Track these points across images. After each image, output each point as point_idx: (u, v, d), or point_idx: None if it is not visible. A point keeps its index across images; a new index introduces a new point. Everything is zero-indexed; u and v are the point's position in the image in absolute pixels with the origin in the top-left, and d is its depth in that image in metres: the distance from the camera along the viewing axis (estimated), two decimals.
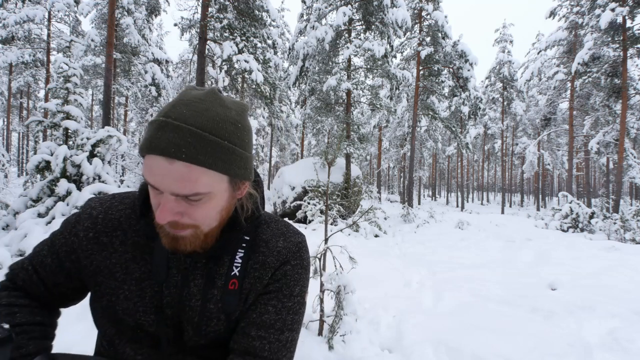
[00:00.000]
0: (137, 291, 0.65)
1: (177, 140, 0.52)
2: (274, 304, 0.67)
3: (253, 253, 0.69)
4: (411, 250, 7.68)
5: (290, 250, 0.71)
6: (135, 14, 16.07)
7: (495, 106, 30.66)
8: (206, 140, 0.54)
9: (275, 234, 0.72)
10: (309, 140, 29.99)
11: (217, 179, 0.57)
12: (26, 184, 6.66)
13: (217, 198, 0.59)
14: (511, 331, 3.07)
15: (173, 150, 0.52)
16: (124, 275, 0.66)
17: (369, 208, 3.50)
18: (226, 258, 0.67)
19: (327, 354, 2.64)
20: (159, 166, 0.53)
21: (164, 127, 0.53)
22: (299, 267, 0.71)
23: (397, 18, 12.01)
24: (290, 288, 0.69)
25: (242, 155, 0.59)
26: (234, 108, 0.60)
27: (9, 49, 18.04)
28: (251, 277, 0.68)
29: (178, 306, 0.65)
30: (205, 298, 0.65)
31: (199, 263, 0.66)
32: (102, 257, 0.67)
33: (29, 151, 32.42)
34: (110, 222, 0.69)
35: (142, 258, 0.66)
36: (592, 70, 15.98)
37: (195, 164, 0.53)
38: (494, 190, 55.93)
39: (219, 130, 0.55)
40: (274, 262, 0.69)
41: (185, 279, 0.65)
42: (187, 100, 0.56)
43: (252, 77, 10.65)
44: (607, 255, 6.34)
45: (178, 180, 0.53)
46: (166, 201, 0.55)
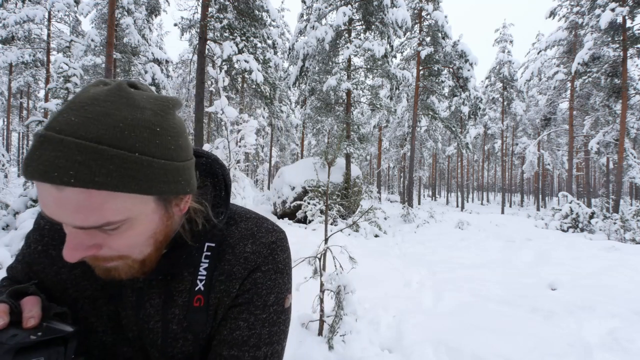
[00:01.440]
0: (91, 310, 0.58)
1: (61, 161, 0.39)
2: (245, 318, 0.59)
3: (219, 262, 0.60)
4: (411, 250, 7.69)
5: (261, 254, 0.61)
6: (135, 14, 16.07)
7: (495, 106, 30.66)
8: (105, 156, 0.41)
9: (244, 236, 0.62)
10: (309, 140, 29.99)
11: (136, 201, 0.45)
12: (26, 184, 6.66)
13: (142, 222, 0.48)
14: (511, 331, 3.07)
15: (57, 175, 0.39)
16: (76, 292, 0.59)
17: (369, 208, 3.50)
18: (186, 272, 0.59)
19: (327, 354, 2.64)
20: (48, 194, 0.41)
21: (43, 144, 0.40)
22: (271, 273, 0.61)
23: (397, 18, 12.02)
24: (263, 298, 0.60)
25: (167, 167, 0.46)
26: (149, 107, 0.46)
27: (9, 49, 18.04)
28: (217, 290, 0.59)
29: (137, 329, 0.58)
30: (166, 319, 0.58)
31: (154, 281, 0.58)
32: (54, 272, 0.60)
33: None
34: (57, 234, 0.61)
35: (93, 274, 0.55)
36: (592, 70, 15.98)
37: (93, 189, 0.41)
38: (494, 190, 55.93)
39: (124, 140, 0.42)
40: (240, 271, 0.60)
41: (140, 299, 0.58)
42: (80, 103, 0.43)
43: (252, 77, 10.65)
44: (607, 255, 6.34)
45: (76, 210, 0.42)
46: (72, 236, 0.45)
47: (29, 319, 0.49)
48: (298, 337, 2.85)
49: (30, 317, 0.49)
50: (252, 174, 32.68)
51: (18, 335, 0.46)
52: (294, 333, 2.90)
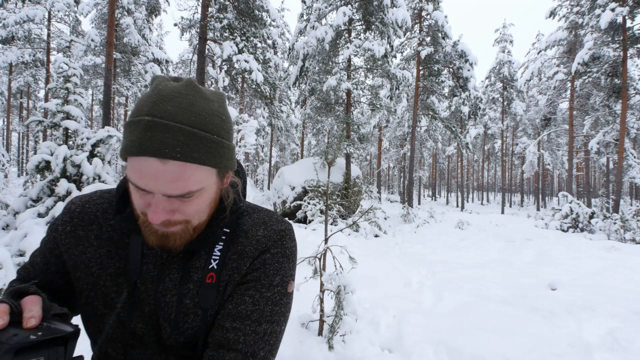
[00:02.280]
0: (113, 287, 0.64)
1: (170, 140, 0.51)
2: (251, 294, 0.64)
3: (232, 244, 0.67)
4: (411, 250, 7.69)
5: (271, 238, 0.68)
6: (135, 14, 16.07)
7: (495, 106, 30.66)
8: (197, 137, 0.53)
9: (257, 224, 0.70)
10: (309, 140, 29.99)
11: (208, 173, 0.57)
12: (26, 184, 6.66)
13: (208, 192, 0.59)
14: (511, 331, 3.07)
15: (167, 151, 0.51)
16: (99, 270, 0.65)
17: (369, 208, 3.50)
18: (203, 251, 0.65)
19: (327, 354, 2.64)
20: (151, 168, 0.52)
21: (153, 127, 0.51)
22: (279, 256, 0.68)
23: (397, 18, 12.01)
24: (269, 277, 0.65)
25: (230, 147, 0.60)
26: (215, 100, 0.59)
27: (9, 49, 18.04)
28: (229, 268, 0.65)
29: (154, 302, 0.63)
30: (181, 293, 0.63)
31: (176, 257, 0.64)
32: (79, 252, 0.66)
33: (29, 151, 32.44)
34: (86, 216, 0.68)
35: (117, 253, 0.65)
36: (592, 70, 15.98)
37: (189, 162, 0.53)
38: (494, 190, 55.93)
39: (207, 125, 0.54)
40: (252, 251, 0.66)
41: (161, 274, 0.63)
42: (168, 95, 0.53)
43: (252, 77, 10.65)
44: (607, 255, 6.34)
45: (171, 180, 0.52)
46: (158, 202, 0.54)
47: (30, 318, 0.50)
48: (298, 337, 2.85)
49: (31, 317, 0.50)
50: (252, 174, 32.67)
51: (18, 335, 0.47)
52: (294, 333, 2.90)
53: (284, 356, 2.59)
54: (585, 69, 15.86)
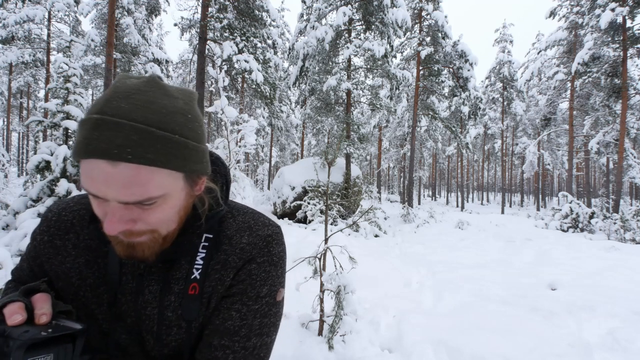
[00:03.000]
0: (92, 298, 0.61)
1: (120, 140, 0.45)
2: (237, 308, 0.60)
3: (216, 252, 0.62)
4: (411, 250, 7.69)
5: (256, 245, 0.64)
6: (135, 14, 16.07)
7: (495, 106, 30.66)
8: (154, 136, 0.47)
9: (241, 228, 0.65)
10: (309, 140, 29.99)
11: (172, 178, 0.51)
12: (26, 184, 6.66)
13: (173, 198, 0.53)
14: (511, 331, 3.07)
15: (116, 152, 0.45)
16: (79, 280, 0.62)
17: (369, 208, 3.50)
18: (184, 260, 0.61)
19: (327, 354, 2.64)
20: (100, 171, 0.46)
21: (101, 126, 0.46)
22: (266, 265, 0.63)
23: (397, 18, 12.01)
24: (256, 289, 0.62)
25: (197, 149, 0.53)
26: (180, 97, 0.53)
27: (9, 49, 18.04)
28: (212, 279, 0.61)
29: (135, 314, 0.60)
30: (162, 305, 0.60)
31: (154, 268, 0.60)
32: (58, 262, 0.63)
33: (29, 151, 32.44)
34: (63, 224, 0.65)
35: (95, 262, 0.62)
36: (592, 70, 15.98)
37: (144, 164, 0.47)
38: (494, 190, 55.92)
39: (167, 123, 0.49)
40: (236, 261, 0.62)
41: (140, 285, 0.60)
42: (124, 93, 0.48)
43: (252, 77, 10.65)
44: (607, 255, 6.35)
45: (125, 186, 0.47)
46: (114, 210, 0.49)
47: (41, 315, 0.50)
48: (298, 337, 2.85)
49: (42, 314, 0.51)
50: (252, 174, 32.68)
51: (29, 331, 0.47)
52: (294, 333, 2.90)
53: (284, 356, 2.59)
54: (585, 69, 15.86)
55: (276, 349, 3.04)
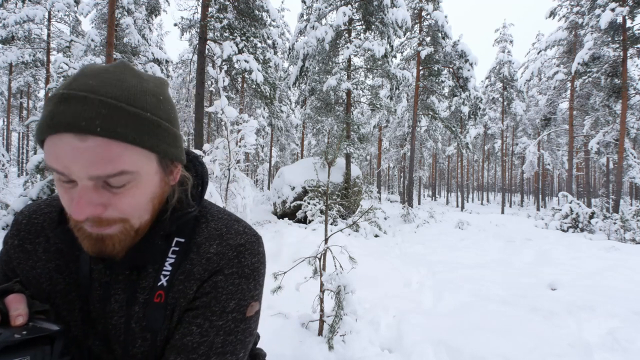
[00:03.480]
0: (64, 304, 0.58)
1: (88, 113, 0.43)
2: (199, 323, 0.56)
3: (183, 260, 0.58)
4: (411, 250, 7.69)
5: (225, 256, 0.59)
6: (135, 14, 16.07)
7: (495, 106, 30.66)
8: (124, 111, 0.45)
9: (212, 236, 0.60)
10: (309, 140, 30.00)
11: (144, 158, 0.49)
12: (26, 184, 6.66)
13: (146, 182, 0.50)
14: (511, 331, 3.07)
15: (84, 124, 0.43)
16: (50, 286, 0.59)
17: (369, 208, 3.50)
18: (151, 268, 0.58)
19: (327, 354, 2.64)
20: (68, 146, 0.44)
21: (67, 99, 0.44)
22: (235, 277, 0.58)
23: (397, 18, 12.02)
24: (221, 303, 0.57)
25: (170, 130, 0.52)
26: (150, 80, 0.52)
27: (9, 49, 18.04)
28: (175, 290, 0.57)
29: (103, 322, 0.58)
30: (129, 315, 0.57)
31: (121, 275, 0.57)
32: (29, 267, 0.60)
33: (29, 151, 32.43)
34: (33, 228, 0.62)
35: (66, 267, 0.59)
36: (592, 70, 15.98)
37: (114, 139, 0.44)
38: (494, 190, 55.92)
39: (137, 101, 0.47)
40: (200, 272, 0.58)
41: (107, 293, 0.57)
42: (92, 72, 0.47)
43: (252, 77, 10.65)
44: (607, 255, 6.34)
45: (95, 161, 0.44)
46: (83, 191, 0.46)
47: (17, 317, 0.48)
48: (298, 337, 2.85)
49: (18, 315, 0.48)
50: (252, 174, 32.68)
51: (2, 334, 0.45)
52: (294, 333, 2.90)
53: (284, 356, 2.59)
54: (585, 69, 15.86)
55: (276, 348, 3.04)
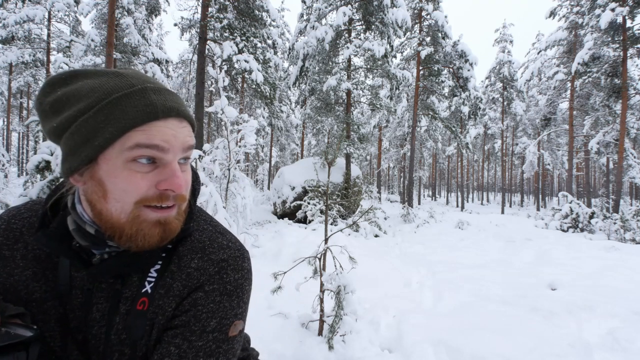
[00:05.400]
0: (39, 314, 0.55)
1: (178, 101, 0.53)
2: (177, 343, 0.53)
3: (165, 271, 0.57)
4: (411, 250, 7.69)
5: (206, 272, 0.57)
6: (135, 14, 16.07)
7: (495, 106, 30.66)
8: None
9: (194, 249, 0.59)
10: (309, 140, 29.99)
11: None
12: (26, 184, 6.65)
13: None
14: (511, 331, 3.07)
15: (182, 109, 0.53)
16: (27, 295, 0.56)
17: (369, 208, 3.50)
18: (136, 276, 0.56)
19: (327, 354, 2.64)
20: (172, 126, 0.52)
21: (159, 92, 0.52)
22: (216, 294, 0.56)
23: (397, 18, 12.01)
24: (201, 322, 0.54)
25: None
26: None
27: (9, 49, 18.03)
28: (155, 304, 0.55)
29: (84, 331, 0.55)
30: (110, 325, 0.55)
31: (104, 284, 0.56)
32: (6, 274, 0.57)
33: (29, 151, 32.42)
34: (11, 233, 0.59)
35: (43, 275, 0.57)
36: (592, 70, 15.98)
37: (189, 122, 0.55)
38: (494, 190, 55.92)
39: None
40: (180, 288, 0.56)
41: (88, 301, 0.55)
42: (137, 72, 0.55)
43: (252, 77, 10.65)
44: (607, 255, 6.34)
45: (187, 135, 0.54)
46: (176, 167, 0.52)
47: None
48: (298, 337, 2.85)
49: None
50: (252, 174, 32.67)
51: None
52: (294, 333, 2.90)
53: (284, 356, 2.59)
54: (585, 69, 15.86)
55: (276, 348, 3.04)
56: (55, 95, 0.51)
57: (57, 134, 0.51)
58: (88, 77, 0.51)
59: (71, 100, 0.49)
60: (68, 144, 0.50)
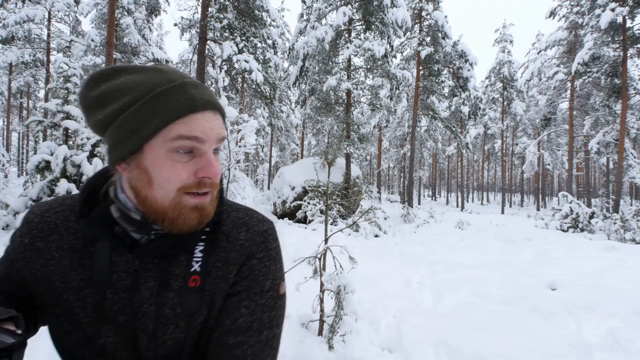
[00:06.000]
0: (76, 301, 0.59)
1: (212, 95, 0.58)
2: (246, 305, 0.62)
3: (214, 248, 0.63)
4: (411, 250, 7.69)
5: (255, 241, 0.66)
6: (135, 14, 16.07)
7: (495, 106, 30.66)
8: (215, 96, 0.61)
9: (237, 224, 0.67)
10: (309, 140, 29.99)
11: None
12: (26, 184, 6.65)
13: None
14: (511, 331, 3.07)
15: (216, 103, 0.58)
16: (62, 284, 0.59)
17: (369, 208, 3.50)
18: (182, 257, 0.61)
19: (327, 354, 2.64)
20: (208, 119, 0.56)
21: (197, 86, 0.57)
22: (266, 260, 0.66)
23: (397, 18, 12.01)
24: (260, 284, 0.64)
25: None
26: None
27: (9, 49, 18.04)
28: (214, 276, 0.62)
29: (130, 312, 0.58)
30: (160, 302, 0.59)
31: (150, 264, 0.60)
32: (40, 265, 0.60)
33: (29, 151, 32.42)
34: (46, 226, 0.62)
35: (80, 264, 0.60)
36: (592, 70, 15.98)
37: (222, 115, 0.61)
38: (494, 190, 55.92)
39: None
40: (237, 257, 0.64)
41: (136, 281, 0.59)
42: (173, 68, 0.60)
43: (252, 77, 10.65)
44: (607, 255, 6.34)
45: (220, 127, 0.58)
46: (211, 157, 0.57)
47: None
48: (298, 337, 2.85)
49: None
50: (252, 174, 32.68)
51: None
52: (294, 333, 2.90)
53: (284, 356, 2.59)
54: (585, 69, 15.86)
55: None
56: (99, 90, 0.55)
57: (103, 126, 0.55)
58: (130, 72, 0.56)
59: (116, 95, 0.54)
60: (115, 135, 0.54)
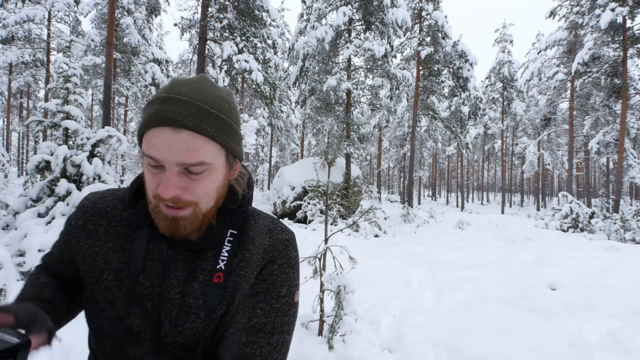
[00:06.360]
0: (114, 281, 0.65)
1: (183, 111, 0.56)
2: (262, 307, 0.65)
3: (239, 249, 0.68)
4: (411, 250, 7.69)
5: (277, 248, 0.70)
6: (135, 14, 16.07)
7: (495, 106, 30.65)
8: (208, 112, 0.58)
9: (262, 231, 0.71)
10: (309, 140, 29.99)
11: (217, 153, 0.60)
12: (26, 184, 6.65)
13: (216, 172, 0.61)
14: (511, 331, 3.07)
15: (180, 119, 0.55)
16: (104, 264, 0.66)
17: (369, 208, 3.50)
18: (210, 253, 0.66)
19: (327, 354, 2.64)
20: (165, 137, 0.55)
21: (168, 101, 0.56)
22: (285, 267, 0.69)
23: (397, 18, 12.01)
24: (277, 289, 0.67)
25: (237, 132, 0.64)
26: (223, 90, 0.65)
27: (9, 49, 18.04)
28: (237, 274, 0.66)
29: (158, 298, 0.64)
30: (185, 291, 0.64)
31: (181, 255, 0.65)
32: (88, 245, 0.68)
33: (29, 151, 32.42)
34: (97, 211, 0.71)
35: (121, 248, 0.67)
36: (592, 70, 15.97)
37: (200, 134, 0.56)
38: (494, 190, 55.92)
39: (217, 105, 0.59)
40: (259, 260, 0.68)
41: (166, 269, 0.65)
42: (183, 81, 0.60)
43: (252, 77, 10.65)
44: (607, 255, 6.34)
45: (184, 150, 0.56)
46: (170, 175, 0.57)
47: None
48: (298, 337, 2.85)
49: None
50: (252, 174, 32.66)
51: None
52: (294, 333, 2.90)
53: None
54: (585, 69, 15.86)
55: None
56: None
57: None
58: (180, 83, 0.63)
59: None
60: None
